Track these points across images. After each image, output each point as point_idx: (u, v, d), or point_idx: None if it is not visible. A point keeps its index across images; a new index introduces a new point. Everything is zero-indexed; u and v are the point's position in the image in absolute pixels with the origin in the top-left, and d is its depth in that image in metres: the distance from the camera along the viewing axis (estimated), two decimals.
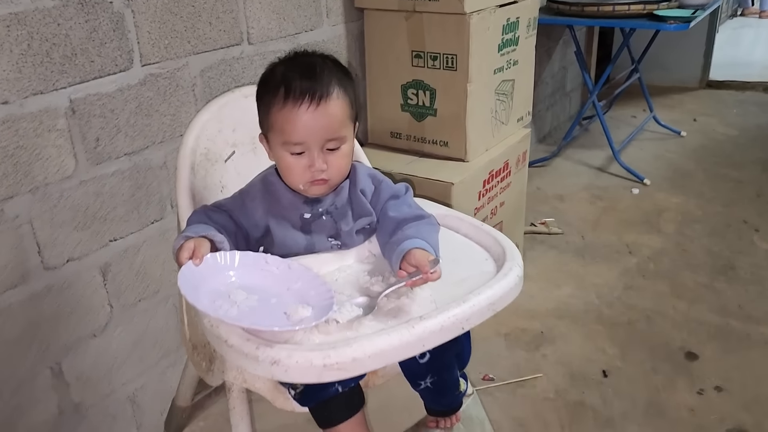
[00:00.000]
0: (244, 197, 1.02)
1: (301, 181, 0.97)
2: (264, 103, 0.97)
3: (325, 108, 0.93)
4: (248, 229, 1.01)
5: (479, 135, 1.91)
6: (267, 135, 1.00)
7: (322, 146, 0.95)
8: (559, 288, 2.15)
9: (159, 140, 1.44)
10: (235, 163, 1.14)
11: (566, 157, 3.21)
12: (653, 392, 1.67)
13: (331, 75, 0.95)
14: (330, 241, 1.01)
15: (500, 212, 2.07)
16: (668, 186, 2.88)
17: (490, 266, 0.95)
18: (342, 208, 1.02)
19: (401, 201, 1.04)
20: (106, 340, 1.44)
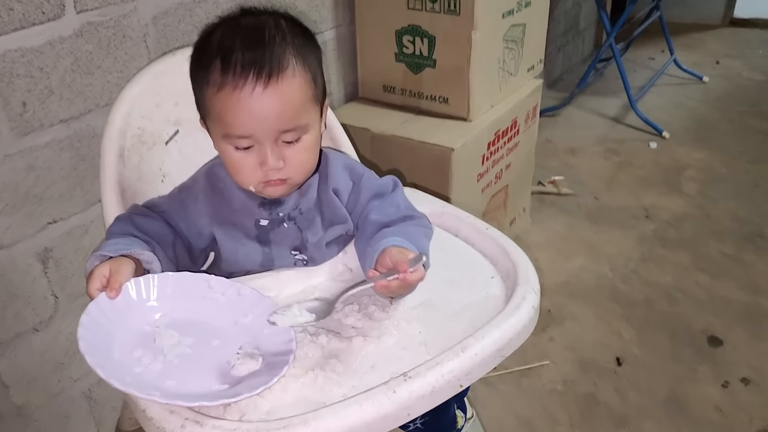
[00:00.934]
0: (184, 196, 0.81)
1: (251, 182, 0.76)
2: (197, 82, 0.75)
3: (277, 89, 0.71)
4: (190, 237, 0.80)
5: (484, 90, 1.67)
6: (206, 122, 0.78)
7: (276, 139, 0.73)
8: (570, 259, 1.95)
9: (104, 102, 1.20)
10: (180, 145, 0.91)
11: (578, 105, 2.95)
12: (673, 384, 1.50)
13: (284, 41, 0.72)
14: (293, 255, 0.81)
15: (506, 176, 1.85)
16: (689, 139, 2.64)
17: (496, 288, 0.75)
18: (309, 212, 0.81)
19: (387, 201, 0.83)
20: (52, 334, 1.26)
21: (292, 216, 0.82)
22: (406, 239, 0.76)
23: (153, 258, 0.73)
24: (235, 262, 0.81)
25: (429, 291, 0.74)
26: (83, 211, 1.23)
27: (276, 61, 0.71)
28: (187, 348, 0.64)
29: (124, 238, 0.74)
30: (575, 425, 1.40)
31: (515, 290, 0.71)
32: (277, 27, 0.74)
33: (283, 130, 0.73)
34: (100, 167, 0.83)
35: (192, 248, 0.81)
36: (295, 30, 0.75)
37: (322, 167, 0.82)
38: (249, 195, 0.79)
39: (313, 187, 0.82)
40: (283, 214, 0.82)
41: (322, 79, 0.78)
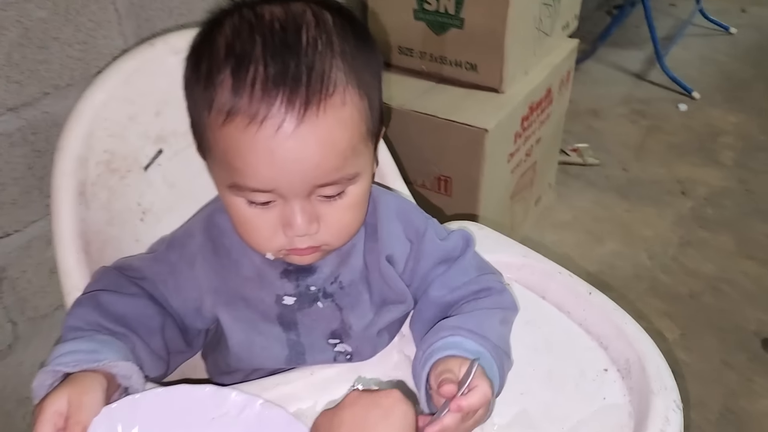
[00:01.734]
0: (175, 258, 0.58)
1: (269, 248, 0.53)
2: (195, 101, 0.51)
3: (316, 126, 0.47)
4: (185, 316, 0.58)
5: (518, 55, 1.42)
6: (204, 156, 0.54)
7: (310, 193, 0.50)
8: (602, 243, 1.75)
9: (64, 83, 0.95)
10: (164, 170, 0.67)
11: (598, 59, 2.70)
12: (728, 396, 1.34)
13: (330, 48, 0.48)
14: (332, 345, 0.58)
15: (535, 151, 1.62)
16: (721, 100, 2.41)
17: (615, 390, 0.54)
18: (352, 286, 0.59)
19: (454, 268, 0.61)
20: (12, 366, 1.04)
21: (329, 292, 0.59)
22: (467, 337, 0.54)
23: (132, 369, 0.51)
24: (249, 358, 0.58)
25: (522, 396, 0.53)
26: (43, 218, 0.99)
27: (317, 82, 0.47)
28: None
29: (87, 338, 0.51)
30: None
31: (649, 402, 0.50)
32: (319, 25, 0.49)
33: (321, 184, 0.50)
34: (51, 215, 0.59)
35: (187, 329, 0.59)
36: (346, 29, 0.50)
37: (370, 216, 0.59)
38: (267, 259, 0.56)
39: (358, 248, 0.59)
40: (316, 288, 0.59)
41: (380, 102, 0.54)
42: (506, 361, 0.54)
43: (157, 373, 0.57)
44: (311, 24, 0.48)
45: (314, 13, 0.49)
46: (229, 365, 0.61)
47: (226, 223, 0.58)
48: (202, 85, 0.49)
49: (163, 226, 0.62)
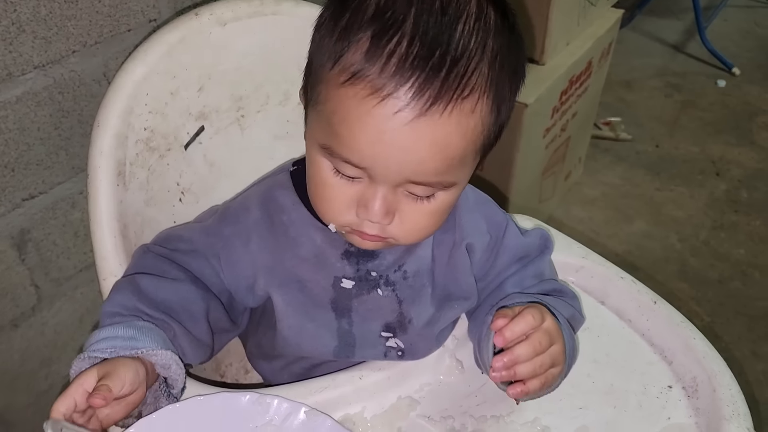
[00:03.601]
0: (230, 232, 0.55)
1: (336, 219, 0.50)
2: (321, 46, 0.47)
3: (437, 124, 0.44)
4: (236, 293, 0.56)
5: (563, 25, 1.35)
6: (307, 105, 0.51)
7: (399, 185, 0.47)
8: (630, 222, 1.71)
9: (92, 41, 0.90)
10: (205, 148, 0.63)
11: (634, 27, 2.59)
12: (755, 386, 1.32)
13: (484, 42, 0.44)
14: (383, 338, 0.55)
15: (570, 126, 1.57)
16: (761, 77, 2.32)
17: (680, 409, 0.52)
18: (417, 277, 0.56)
19: (531, 267, 0.58)
20: (35, 327, 1.03)
21: (392, 280, 0.56)
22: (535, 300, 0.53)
23: (172, 359, 0.48)
24: (298, 344, 0.56)
25: (581, 411, 0.50)
26: (69, 179, 0.96)
27: (456, 79, 0.43)
28: None
29: (125, 324, 0.49)
30: None
31: (720, 428, 0.47)
32: (480, 19, 0.44)
33: (415, 181, 0.47)
34: (89, 195, 0.55)
35: (234, 307, 0.57)
36: (504, 34, 0.46)
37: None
38: (329, 237, 0.54)
39: (428, 239, 0.56)
40: (377, 274, 0.56)
41: (507, 119, 0.50)
42: (574, 347, 0.52)
43: (199, 360, 0.55)
44: (472, 15, 0.44)
45: (479, 4, 0.45)
46: (274, 349, 0.58)
47: (285, 199, 0.55)
48: (336, 35, 0.45)
49: (202, 206, 0.59)
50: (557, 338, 0.51)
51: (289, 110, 0.67)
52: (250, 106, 0.64)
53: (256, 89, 0.64)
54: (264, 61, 0.59)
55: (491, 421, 0.49)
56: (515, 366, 0.49)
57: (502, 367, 0.49)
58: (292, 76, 0.63)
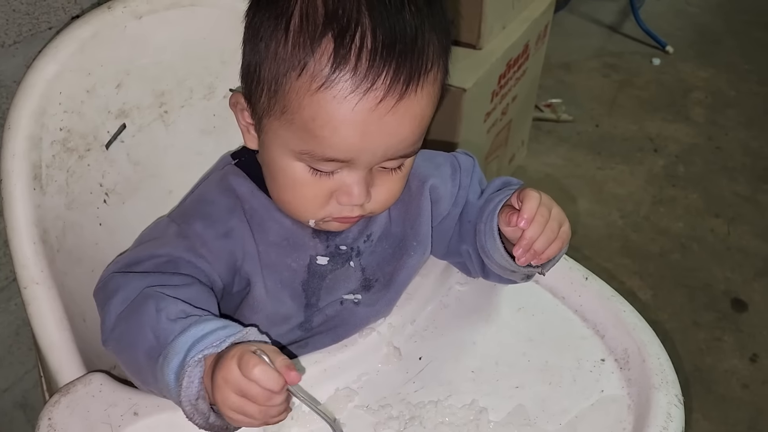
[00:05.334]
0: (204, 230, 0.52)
1: (315, 216, 0.51)
2: (273, 54, 0.46)
3: (413, 103, 0.46)
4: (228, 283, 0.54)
5: (497, 8, 1.36)
6: (263, 116, 0.49)
7: (374, 165, 0.49)
8: (574, 202, 1.74)
9: (11, 41, 0.86)
10: (128, 146, 0.61)
11: (571, 9, 2.64)
12: (697, 355, 1.37)
13: (429, 20, 0.47)
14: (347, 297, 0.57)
15: (511, 110, 1.58)
16: (694, 55, 2.40)
17: (613, 382, 0.52)
18: (379, 240, 0.58)
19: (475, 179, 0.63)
20: None
21: (361, 250, 0.57)
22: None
23: (263, 338, 0.46)
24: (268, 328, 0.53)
25: (518, 389, 0.51)
26: None
27: (420, 57, 0.46)
28: None
29: (201, 321, 0.45)
30: None
31: (650, 397, 0.49)
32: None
33: (393, 157, 0.49)
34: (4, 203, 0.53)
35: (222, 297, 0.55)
36: (434, 3, 0.48)
37: None
38: (296, 221, 0.54)
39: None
40: (347, 247, 0.56)
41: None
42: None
43: None
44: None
45: None
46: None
47: (242, 188, 0.54)
48: (290, 43, 0.45)
49: (129, 207, 0.57)
50: (552, 203, 0.55)
51: (215, 104, 0.65)
52: (174, 102, 0.62)
53: (179, 83, 0.62)
54: (185, 55, 0.57)
55: (429, 406, 0.49)
56: (533, 245, 0.51)
57: (523, 252, 0.52)
58: (215, 68, 0.62)
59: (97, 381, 0.49)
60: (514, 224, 0.51)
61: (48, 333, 0.51)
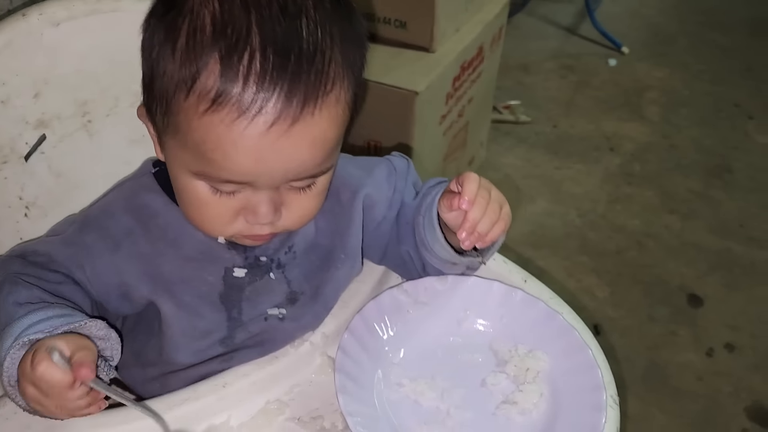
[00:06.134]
0: (92, 240, 0.52)
1: (223, 233, 0.50)
2: (163, 70, 0.44)
3: (311, 126, 0.44)
4: (107, 302, 0.53)
5: (449, 11, 1.37)
6: (160, 132, 0.48)
7: (281, 184, 0.47)
8: (533, 201, 1.76)
9: None
10: (48, 158, 0.60)
11: (529, 12, 2.66)
12: (653, 350, 1.39)
13: (330, 38, 0.44)
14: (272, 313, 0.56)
15: (467, 112, 1.59)
16: (648, 54, 2.44)
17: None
18: (305, 252, 0.57)
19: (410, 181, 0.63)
20: None
21: (282, 262, 0.56)
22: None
23: (108, 330, 0.46)
24: (187, 344, 0.54)
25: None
26: None
27: (317, 78, 0.43)
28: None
29: (48, 308, 0.45)
30: None
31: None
32: (318, 7, 0.44)
33: (298, 178, 0.47)
34: None
35: (106, 315, 0.54)
36: (342, 12, 0.46)
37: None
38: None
39: None
40: (267, 258, 0.55)
41: (361, 85, 0.49)
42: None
43: None
44: (311, 6, 0.43)
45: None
46: (159, 357, 0.56)
47: (154, 202, 0.53)
48: (178, 61, 0.43)
49: (51, 220, 0.55)
50: (491, 185, 0.55)
51: None
52: (97, 111, 0.61)
53: (102, 92, 0.61)
54: (107, 62, 0.56)
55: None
56: (476, 227, 0.51)
57: (467, 235, 0.52)
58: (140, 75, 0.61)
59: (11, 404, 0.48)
60: (456, 207, 0.51)
61: None
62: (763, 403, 1.29)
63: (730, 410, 1.27)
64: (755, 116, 2.13)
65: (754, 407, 1.28)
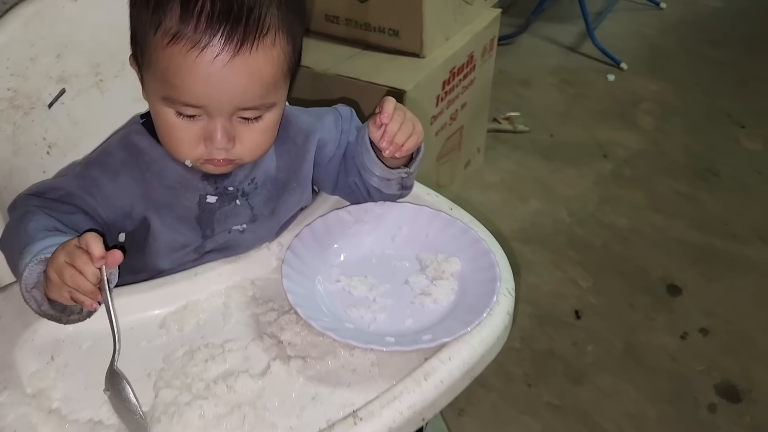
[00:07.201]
0: (97, 173, 0.65)
1: (189, 156, 0.63)
2: (141, 19, 0.59)
3: (248, 60, 0.57)
4: (114, 222, 0.66)
5: (438, 21, 1.50)
6: (141, 69, 0.62)
7: (232, 114, 0.60)
8: (525, 202, 1.86)
9: None
10: (68, 108, 0.74)
11: (533, 33, 2.80)
12: (630, 333, 1.47)
13: (270, 3, 0.58)
14: (236, 228, 0.70)
15: (461, 116, 1.71)
16: (645, 69, 2.54)
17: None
18: (264, 184, 0.70)
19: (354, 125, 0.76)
20: None
21: (246, 191, 0.69)
22: None
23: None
24: (168, 254, 0.67)
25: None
26: None
27: (254, 23, 0.56)
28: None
29: (60, 234, 0.58)
30: (532, 383, 1.35)
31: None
32: None
33: (243, 107, 0.60)
34: None
35: (110, 237, 0.67)
36: None
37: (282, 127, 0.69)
38: (188, 166, 0.66)
39: (270, 153, 0.70)
40: (234, 188, 0.69)
41: (301, 47, 0.64)
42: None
43: None
44: None
45: None
46: (145, 265, 0.69)
47: (142, 142, 0.67)
48: (151, 8, 0.57)
49: (69, 159, 0.69)
50: (407, 109, 0.67)
51: None
52: (108, 72, 0.75)
53: (112, 57, 0.76)
54: (116, 32, 0.69)
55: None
56: (394, 138, 0.64)
57: (387, 144, 0.64)
58: None
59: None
60: (378, 124, 0.63)
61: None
62: (732, 380, 1.35)
63: (700, 387, 1.34)
64: (746, 125, 2.21)
65: (723, 384, 1.35)
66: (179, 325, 0.59)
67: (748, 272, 1.63)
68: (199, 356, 0.55)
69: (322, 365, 0.55)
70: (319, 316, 0.57)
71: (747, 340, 1.44)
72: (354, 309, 0.60)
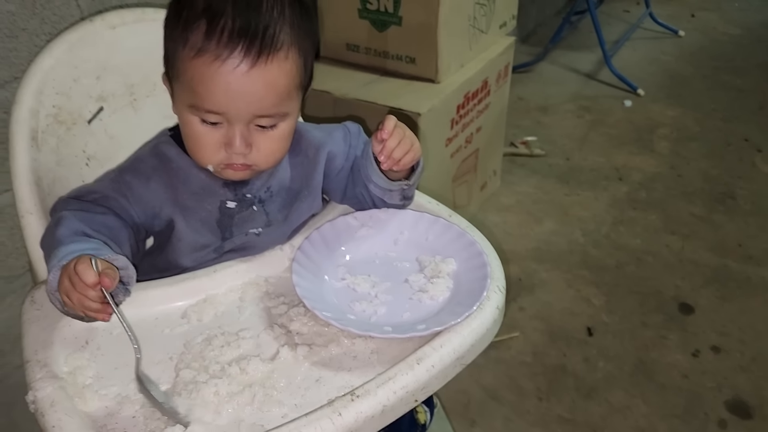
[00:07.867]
0: (130, 178, 0.73)
1: (211, 161, 0.70)
2: (173, 38, 0.67)
3: (264, 70, 0.65)
4: (146, 222, 0.73)
5: (453, 49, 1.58)
6: (171, 83, 0.70)
7: (250, 121, 0.67)
8: (540, 223, 1.90)
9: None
10: (105, 124, 0.82)
11: (551, 61, 2.87)
12: (642, 350, 1.49)
13: (283, 16, 0.65)
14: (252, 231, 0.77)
15: (476, 139, 1.78)
16: (663, 96, 2.58)
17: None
18: (279, 192, 0.77)
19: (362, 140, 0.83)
20: None
21: (263, 198, 0.77)
22: None
23: (127, 263, 0.64)
24: (191, 253, 0.75)
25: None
26: None
27: (270, 39, 0.64)
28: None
29: (84, 240, 0.64)
30: (543, 397, 1.38)
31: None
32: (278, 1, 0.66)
33: (260, 115, 0.67)
34: (9, 154, 0.73)
35: (139, 235, 0.74)
36: (296, 5, 0.67)
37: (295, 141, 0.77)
38: (211, 174, 0.73)
39: (284, 164, 0.78)
40: (252, 195, 0.76)
41: (312, 65, 0.72)
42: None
43: None
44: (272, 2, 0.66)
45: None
46: (169, 263, 0.76)
47: (170, 151, 0.74)
48: (180, 27, 0.65)
49: (105, 170, 0.76)
50: (407, 128, 0.73)
51: None
52: (141, 92, 0.84)
53: (145, 79, 0.84)
54: (149, 57, 0.77)
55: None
56: (392, 153, 0.70)
57: (385, 159, 0.70)
58: None
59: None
60: (379, 139, 0.70)
61: (37, 249, 0.69)
62: (743, 397, 1.37)
63: (711, 403, 1.35)
64: (764, 149, 2.23)
65: (734, 401, 1.36)
66: (199, 315, 0.66)
67: (761, 293, 1.64)
68: (216, 342, 0.62)
69: (326, 352, 0.61)
70: (324, 307, 0.63)
71: (759, 359, 1.45)
72: (357, 303, 0.66)
